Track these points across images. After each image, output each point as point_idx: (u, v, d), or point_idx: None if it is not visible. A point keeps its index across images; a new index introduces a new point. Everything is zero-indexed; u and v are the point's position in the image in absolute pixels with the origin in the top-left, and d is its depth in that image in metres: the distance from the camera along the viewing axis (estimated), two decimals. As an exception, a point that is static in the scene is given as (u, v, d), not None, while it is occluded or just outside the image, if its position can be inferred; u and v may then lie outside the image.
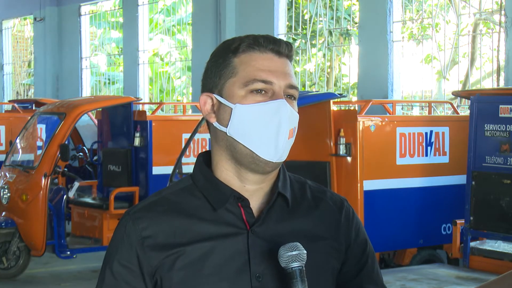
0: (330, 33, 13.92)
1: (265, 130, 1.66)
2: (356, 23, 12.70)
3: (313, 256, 1.69)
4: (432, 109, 9.64)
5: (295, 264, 1.62)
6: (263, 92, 1.68)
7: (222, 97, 1.70)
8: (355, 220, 1.84)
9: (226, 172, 1.73)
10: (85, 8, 17.02)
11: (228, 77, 1.70)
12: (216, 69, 1.73)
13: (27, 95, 20.91)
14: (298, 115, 1.72)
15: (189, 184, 1.77)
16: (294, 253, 1.62)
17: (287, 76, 1.71)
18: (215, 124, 1.72)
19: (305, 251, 1.63)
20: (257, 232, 1.70)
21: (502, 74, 10.01)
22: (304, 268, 1.62)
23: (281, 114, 1.67)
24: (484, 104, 6.68)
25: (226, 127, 1.69)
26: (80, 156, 10.57)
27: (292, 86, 1.71)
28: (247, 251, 1.69)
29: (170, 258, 1.67)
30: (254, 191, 1.73)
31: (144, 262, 1.68)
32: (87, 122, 11.59)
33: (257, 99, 1.67)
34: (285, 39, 13.08)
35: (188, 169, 7.88)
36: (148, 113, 9.51)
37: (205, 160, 1.79)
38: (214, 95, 1.72)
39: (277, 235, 1.71)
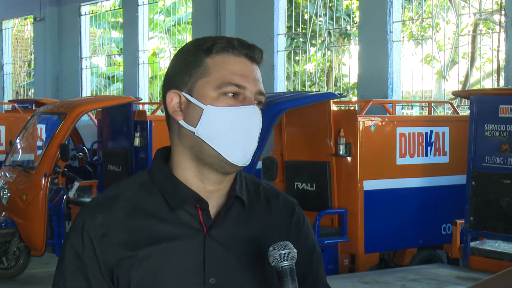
0: (329, 33, 13.92)
1: (236, 134, 1.67)
2: (355, 23, 12.71)
3: (266, 262, 1.68)
4: (432, 109, 9.64)
5: (285, 263, 1.61)
6: (235, 95, 1.68)
7: (192, 96, 1.69)
8: (305, 225, 1.85)
9: (186, 171, 1.72)
10: (85, 8, 17.02)
11: (200, 77, 1.69)
12: (186, 67, 1.71)
13: (27, 95, 20.92)
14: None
15: (146, 180, 1.75)
16: (284, 252, 1.62)
17: (258, 82, 1.71)
18: (182, 122, 1.71)
19: (295, 250, 1.63)
20: (214, 235, 1.70)
21: (502, 74, 10.01)
22: (294, 267, 1.62)
23: (253, 120, 1.68)
24: (484, 104, 6.68)
25: (195, 127, 1.68)
26: (80, 156, 10.56)
27: (261, 93, 1.72)
28: (202, 254, 1.69)
29: (128, 259, 1.67)
30: (212, 192, 1.73)
31: (102, 259, 1.68)
32: (87, 122, 11.58)
33: (229, 103, 1.67)
34: (285, 39, 13.09)
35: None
36: (148, 113, 9.50)
37: (164, 156, 1.78)
38: (182, 93, 1.71)
39: (233, 239, 1.71)
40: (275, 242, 1.71)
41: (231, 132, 1.66)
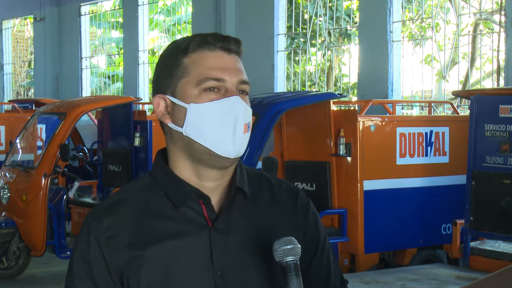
0: (329, 33, 13.92)
1: (221, 127, 1.68)
2: (355, 23, 12.71)
3: None
4: (432, 109, 9.64)
5: (289, 258, 1.63)
6: (216, 89, 1.70)
7: (175, 97, 1.72)
8: (311, 208, 1.86)
9: (184, 171, 1.75)
10: (85, 8, 17.02)
11: (180, 78, 1.72)
12: (167, 70, 1.74)
13: (27, 95, 20.92)
14: (251, 110, 1.74)
15: (149, 182, 1.78)
16: (288, 247, 1.63)
17: (238, 72, 1.72)
18: (170, 125, 1.74)
19: (299, 245, 1.64)
20: (219, 228, 1.72)
21: (502, 74, 10.01)
22: (298, 262, 1.63)
23: (236, 110, 1.69)
24: (484, 104, 6.67)
25: (182, 127, 1.71)
26: (80, 156, 10.57)
27: (244, 82, 1.73)
28: (209, 247, 1.71)
29: (136, 259, 1.69)
30: (213, 188, 1.75)
31: (110, 261, 1.70)
32: (87, 122, 11.59)
33: (211, 97, 1.69)
34: (285, 39, 13.07)
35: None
36: (148, 113, 9.50)
37: (164, 157, 1.80)
38: (167, 96, 1.74)
39: (239, 230, 1.73)
40: (283, 229, 1.74)
41: (216, 126, 1.68)
